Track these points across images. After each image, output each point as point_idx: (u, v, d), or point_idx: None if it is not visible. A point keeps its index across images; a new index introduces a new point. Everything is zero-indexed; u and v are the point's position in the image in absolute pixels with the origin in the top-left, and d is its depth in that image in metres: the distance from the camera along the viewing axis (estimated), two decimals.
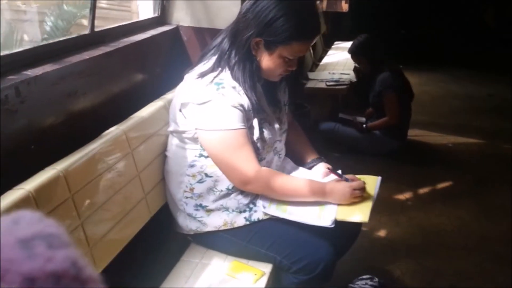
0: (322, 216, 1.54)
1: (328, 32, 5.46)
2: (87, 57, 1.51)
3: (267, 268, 1.59)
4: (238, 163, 1.47)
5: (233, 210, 1.59)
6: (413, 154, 3.75)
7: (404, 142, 3.70)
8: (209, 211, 1.59)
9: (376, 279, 2.08)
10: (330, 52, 5.12)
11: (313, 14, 1.51)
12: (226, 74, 1.51)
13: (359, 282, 2.06)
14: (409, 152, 3.74)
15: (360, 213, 1.54)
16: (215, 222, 1.59)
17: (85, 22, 1.98)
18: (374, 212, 1.74)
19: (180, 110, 1.53)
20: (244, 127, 1.47)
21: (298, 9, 1.45)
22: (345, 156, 3.63)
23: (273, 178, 1.51)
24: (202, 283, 1.53)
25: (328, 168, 1.68)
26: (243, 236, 1.58)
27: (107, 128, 1.48)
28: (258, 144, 1.55)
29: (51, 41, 1.52)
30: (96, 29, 1.69)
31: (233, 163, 1.48)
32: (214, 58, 1.55)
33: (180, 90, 1.58)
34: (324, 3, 5.38)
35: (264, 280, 1.53)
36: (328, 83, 3.84)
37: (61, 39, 1.55)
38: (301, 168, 1.78)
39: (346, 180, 1.59)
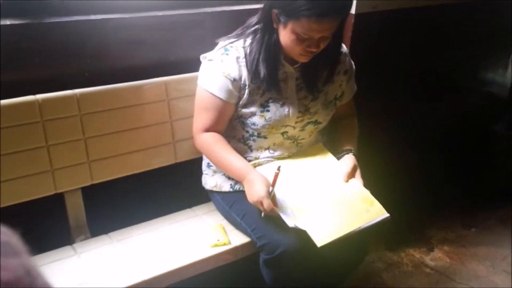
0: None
1: None
2: (160, 14, 1.78)
3: (240, 240, 1.59)
4: (195, 119, 1.60)
5: (226, 175, 1.64)
6: None
7: None
8: (215, 172, 1.69)
9: None
10: None
11: None
12: (239, 43, 1.54)
13: None
14: None
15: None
16: (211, 182, 1.69)
17: None
18: None
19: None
20: (221, 97, 1.52)
21: None
22: None
23: (210, 145, 1.56)
24: (180, 230, 1.66)
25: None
26: (227, 201, 1.63)
27: None
28: (255, 119, 1.54)
29: None
30: None
31: (194, 117, 1.61)
32: None
33: None
34: None
35: (221, 249, 1.54)
36: None
37: None
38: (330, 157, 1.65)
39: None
